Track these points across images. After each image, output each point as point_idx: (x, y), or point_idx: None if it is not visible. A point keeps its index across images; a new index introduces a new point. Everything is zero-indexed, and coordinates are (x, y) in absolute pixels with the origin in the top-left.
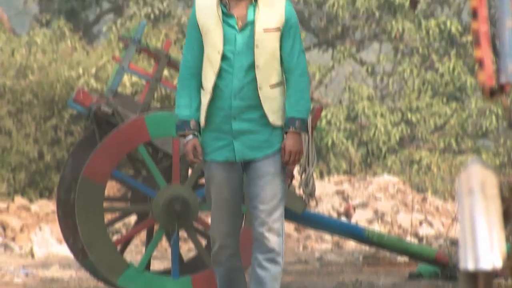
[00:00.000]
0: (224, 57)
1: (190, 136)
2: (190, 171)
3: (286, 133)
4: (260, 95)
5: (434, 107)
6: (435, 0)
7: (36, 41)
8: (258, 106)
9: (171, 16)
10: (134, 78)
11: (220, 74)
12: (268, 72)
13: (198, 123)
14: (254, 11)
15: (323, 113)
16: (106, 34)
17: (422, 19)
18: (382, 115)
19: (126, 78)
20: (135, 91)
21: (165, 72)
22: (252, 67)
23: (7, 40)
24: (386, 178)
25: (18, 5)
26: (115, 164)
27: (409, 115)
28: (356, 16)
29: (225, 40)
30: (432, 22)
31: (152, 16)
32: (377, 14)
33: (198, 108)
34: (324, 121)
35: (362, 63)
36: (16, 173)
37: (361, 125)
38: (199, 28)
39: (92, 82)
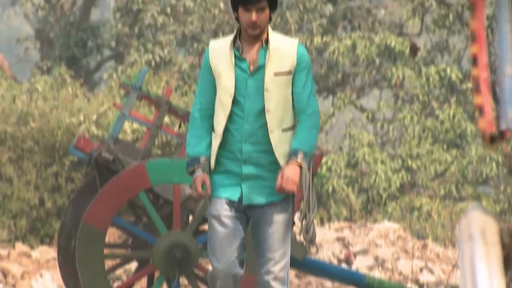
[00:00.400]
0: (235, 101)
1: (200, 171)
2: (190, 217)
3: (287, 163)
4: (271, 140)
5: (435, 154)
6: (435, 47)
7: (37, 88)
8: (269, 151)
9: (172, 63)
10: (135, 125)
11: (231, 118)
12: (279, 116)
13: (208, 161)
14: (265, 55)
15: (323, 160)
16: (107, 81)
17: (422, 66)
18: (382, 162)
19: (127, 125)
20: (136, 137)
21: (166, 119)
22: (263, 111)
23: (8, 87)
24: (386, 225)
25: (19, 53)
26: (116, 211)
27: (409, 162)
28: (357, 63)
29: (237, 84)
30: (432, 69)
31: (153, 63)
32: (377, 61)
33: (209, 147)
34: (324, 168)
35: (362, 110)
36: (17, 220)
37: (361, 171)
38: (211, 71)
39: (93, 129)
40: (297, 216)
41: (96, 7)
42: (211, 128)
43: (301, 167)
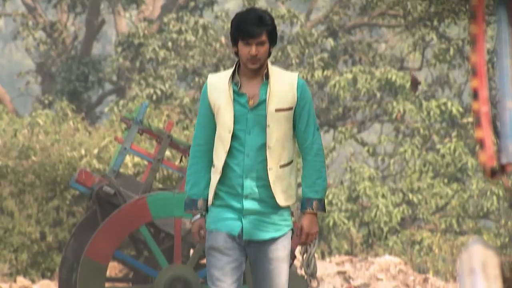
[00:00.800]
0: (235, 136)
1: (197, 216)
2: (191, 251)
3: (303, 213)
4: (269, 176)
5: (436, 188)
6: (436, 81)
7: (38, 122)
8: (268, 186)
9: (173, 97)
10: (136, 159)
11: (231, 153)
12: (278, 152)
13: (206, 201)
14: (266, 90)
15: None
16: (108, 115)
17: (423, 100)
18: (383, 196)
19: (128, 159)
20: (137, 171)
21: (167, 153)
22: (263, 146)
23: (10, 121)
24: (387, 259)
25: (21, 87)
26: (117, 245)
27: (410, 196)
28: (357, 97)
29: (236, 119)
30: (433, 103)
31: (154, 97)
32: (378, 95)
33: (207, 186)
34: (325, 202)
35: (363, 143)
36: (18, 254)
37: (362, 205)
38: (210, 106)
39: (94, 162)
40: (298, 250)
41: (97, 41)
42: (211, 164)
43: (316, 215)
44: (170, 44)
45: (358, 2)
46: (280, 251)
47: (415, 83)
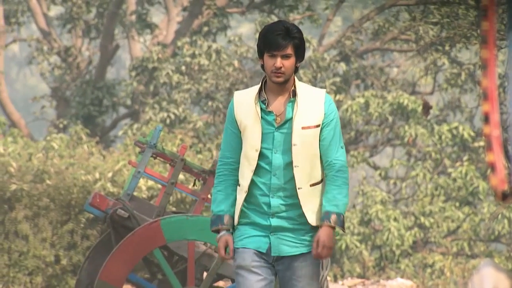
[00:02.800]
0: (261, 155)
1: (224, 232)
2: (205, 274)
3: (320, 226)
4: (299, 196)
5: (447, 212)
6: (447, 105)
7: (53, 146)
8: (298, 205)
9: (186, 121)
10: (150, 182)
11: (257, 172)
12: (307, 171)
13: (233, 218)
14: (293, 107)
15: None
16: (122, 138)
17: (434, 124)
18: (395, 219)
19: (142, 182)
20: (151, 195)
21: (181, 176)
22: (290, 165)
23: (25, 145)
24: (399, 282)
25: (36, 111)
26: (131, 268)
27: (422, 219)
28: (370, 121)
29: (263, 137)
30: (445, 127)
31: (168, 121)
32: (390, 119)
33: (233, 205)
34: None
35: (375, 167)
36: (33, 277)
37: (374, 229)
38: (237, 124)
39: (109, 186)
40: None
41: (112, 65)
42: (237, 182)
43: (334, 228)
44: (183, 68)
45: (370, 27)
46: (310, 268)
47: (426, 108)
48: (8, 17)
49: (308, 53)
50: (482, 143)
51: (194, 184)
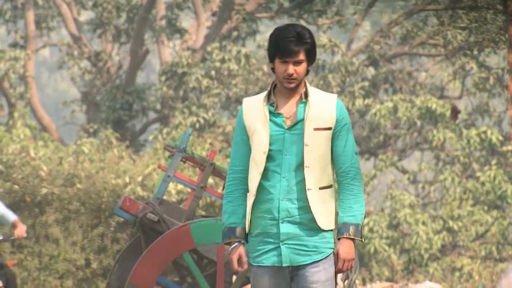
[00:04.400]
0: (270, 157)
1: (235, 244)
2: (234, 277)
3: (339, 238)
4: (309, 198)
5: (476, 215)
6: (475, 110)
7: (83, 150)
8: (307, 208)
9: (215, 125)
10: (180, 186)
11: (266, 175)
12: (317, 173)
13: (245, 229)
14: (305, 108)
15: (365, 221)
16: (152, 143)
17: (463, 128)
18: (424, 223)
19: (171, 186)
20: (181, 199)
21: (210, 180)
22: (301, 166)
23: (55, 149)
24: (428, 285)
25: (66, 115)
26: (160, 271)
27: (450, 223)
28: (398, 125)
29: (272, 140)
30: (473, 132)
31: (197, 125)
32: (418, 123)
33: (245, 215)
34: (366, 229)
35: (404, 171)
36: (63, 281)
37: (403, 232)
38: (246, 130)
39: (139, 190)
40: (339, 277)
41: (141, 70)
42: (247, 192)
43: (353, 240)
44: (213, 73)
45: (399, 32)
46: (322, 274)
47: (455, 112)
48: (39, 22)
49: (337, 58)
50: (510, 147)
51: (224, 188)
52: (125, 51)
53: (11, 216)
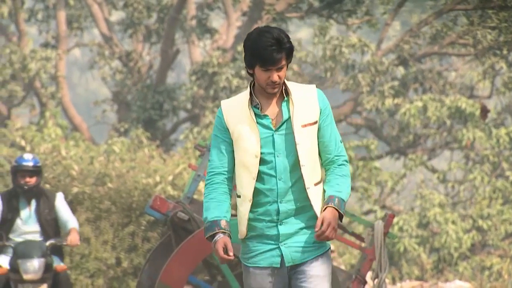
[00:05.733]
0: (262, 161)
1: (220, 235)
2: None
3: (324, 209)
4: (309, 196)
5: (505, 214)
6: (505, 109)
7: (114, 149)
8: (307, 206)
9: None
10: None
11: (260, 179)
12: (312, 170)
13: (229, 223)
14: (288, 107)
15: (395, 220)
16: (182, 142)
17: (492, 128)
18: (453, 222)
19: (201, 185)
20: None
21: None
22: (295, 166)
23: (86, 148)
24: (457, 284)
25: (97, 115)
26: (191, 270)
27: (480, 222)
28: (428, 124)
29: (262, 142)
30: (503, 131)
31: None
32: (448, 123)
33: (228, 211)
34: (396, 228)
35: (433, 170)
36: (94, 279)
37: (432, 231)
38: (229, 133)
39: (169, 189)
40: (369, 275)
41: (172, 70)
42: (230, 191)
43: (339, 213)
44: (243, 72)
45: (428, 32)
46: (320, 269)
47: (484, 111)
48: (71, 22)
49: (367, 57)
50: None
51: None
52: (155, 51)
53: (72, 224)
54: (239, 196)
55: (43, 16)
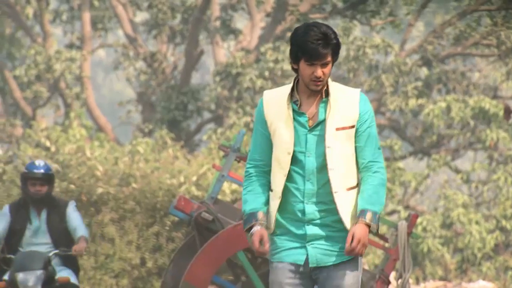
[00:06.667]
0: (294, 159)
1: (258, 227)
2: None
3: (355, 223)
4: (336, 200)
5: None
6: None
7: (138, 150)
8: (334, 210)
9: None
10: (234, 186)
11: (290, 177)
12: (343, 174)
13: (266, 215)
14: (326, 108)
15: (418, 220)
16: (206, 143)
17: None
18: (477, 223)
19: (225, 186)
20: (235, 198)
21: None
22: (324, 169)
23: (111, 149)
24: (481, 284)
25: (122, 115)
26: (215, 270)
27: (503, 223)
28: (451, 125)
29: (296, 140)
30: None
31: (251, 125)
32: (471, 123)
33: (266, 204)
34: (419, 228)
35: (457, 171)
36: (119, 279)
37: (456, 232)
38: (267, 126)
39: (193, 189)
40: (393, 275)
41: (196, 71)
42: (268, 185)
43: (369, 227)
44: (267, 73)
45: (452, 32)
46: (348, 277)
47: (508, 112)
48: (95, 23)
49: (390, 58)
50: None
51: None
52: (180, 51)
53: (80, 231)
54: (271, 190)
55: (68, 17)
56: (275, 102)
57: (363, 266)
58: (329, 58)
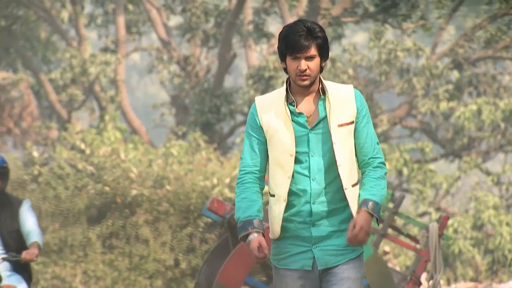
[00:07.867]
0: (296, 160)
1: (254, 234)
2: None
3: (357, 212)
4: (347, 197)
5: None
6: None
7: (172, 152)
8: (341, 208)
9: None
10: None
11: (294, 178)
12: (350, 170)
13: (261, 222)
14: (325, 105)
15: (449, 222)
16: (239, 145)
17: None
18: (507, 224)
19: None
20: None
21: None
22: (331, 166)
23: (145, 151)
24: None
25: (156, 118)
26: (248, 271)
27: None
28: (482, 128)
29: (297, 141)
30: None
31: None
32: (502, 126)
33: (260, 211)
34: (450, 230)
35: (487, 173)
36: (153, 280)
37: (487, 233)
38: (262, 131)
39: (226, 191)
40: (424, 276)
41: (229, 74)
42: (261, 191)
43: (372, 216)
44: None
45: (483, 36)
46: (352, 272)
47: None
48: (130, 27)
49: (422, 61)
50: None
51: None
52: (213, 55)
53: (34, 237)
54: (272, 196)
55: (103, 21)
56: (270, 106)
57: (395, 268)
58: (314, 52)
